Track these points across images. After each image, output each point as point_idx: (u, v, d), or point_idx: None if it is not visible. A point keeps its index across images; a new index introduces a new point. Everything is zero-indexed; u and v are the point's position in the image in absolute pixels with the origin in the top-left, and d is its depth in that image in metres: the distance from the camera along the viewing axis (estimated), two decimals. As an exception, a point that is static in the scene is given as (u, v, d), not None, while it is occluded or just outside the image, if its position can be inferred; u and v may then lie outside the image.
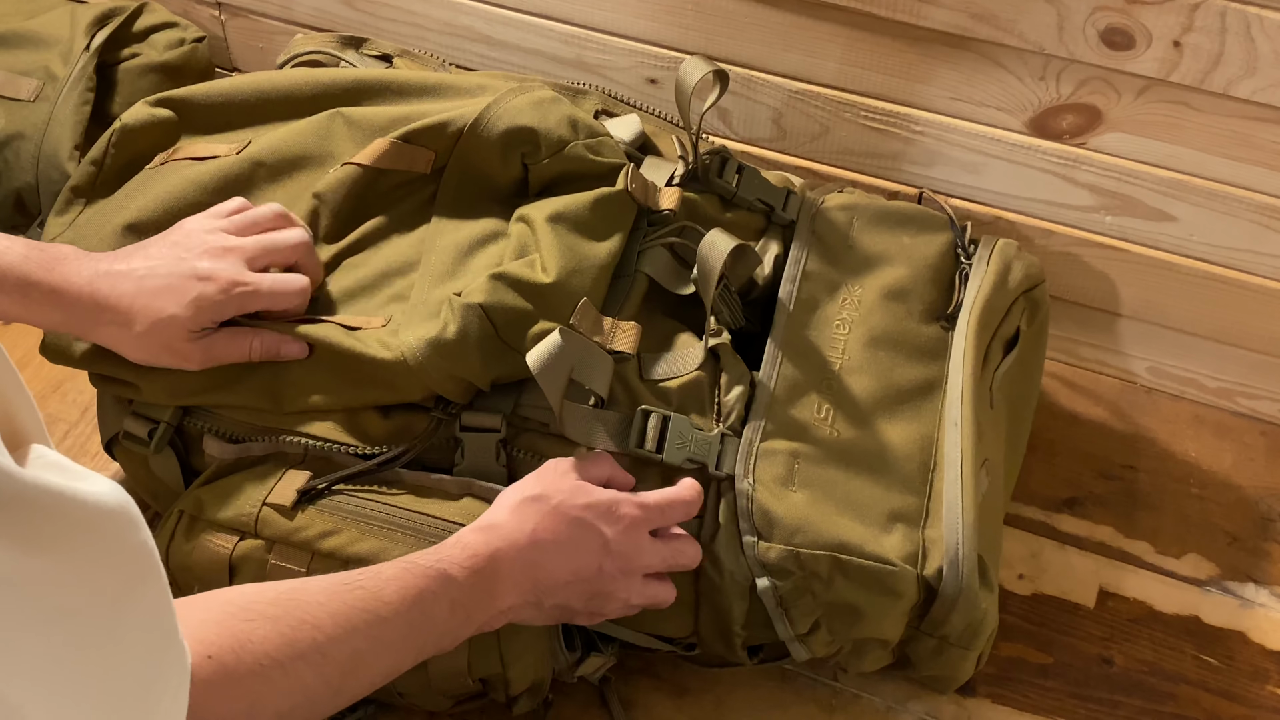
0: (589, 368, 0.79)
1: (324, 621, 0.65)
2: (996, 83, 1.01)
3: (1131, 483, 1.06)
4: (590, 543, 0.77)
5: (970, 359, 0.87)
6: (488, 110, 0.89)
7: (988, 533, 0.86)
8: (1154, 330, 1.10)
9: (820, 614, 0.81)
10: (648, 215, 0.91)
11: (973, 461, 0.84)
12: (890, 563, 0.80)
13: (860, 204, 0.96)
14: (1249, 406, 1.11)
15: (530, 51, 1.16)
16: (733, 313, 0.89)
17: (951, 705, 0.92)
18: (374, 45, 1.05)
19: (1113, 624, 0.97)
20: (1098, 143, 1.01)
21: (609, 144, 0.93)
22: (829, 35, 1.04)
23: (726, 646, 0.85)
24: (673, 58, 1.11)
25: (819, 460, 0.83)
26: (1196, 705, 0.93)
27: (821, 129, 1.10)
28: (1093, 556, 1.01)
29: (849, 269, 0.93)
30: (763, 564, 0.80)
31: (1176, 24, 0.91)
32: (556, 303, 0.83)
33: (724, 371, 0.85)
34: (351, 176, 0.89)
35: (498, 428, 0.82)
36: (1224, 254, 1.03)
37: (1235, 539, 1.03)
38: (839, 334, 0.89)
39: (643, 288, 0.88)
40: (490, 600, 0.74)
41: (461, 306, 0.80)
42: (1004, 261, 0.94)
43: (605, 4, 1.10)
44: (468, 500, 0.81)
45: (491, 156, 0.89)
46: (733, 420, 0.83)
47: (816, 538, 0.80)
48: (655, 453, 0.81)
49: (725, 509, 0.81)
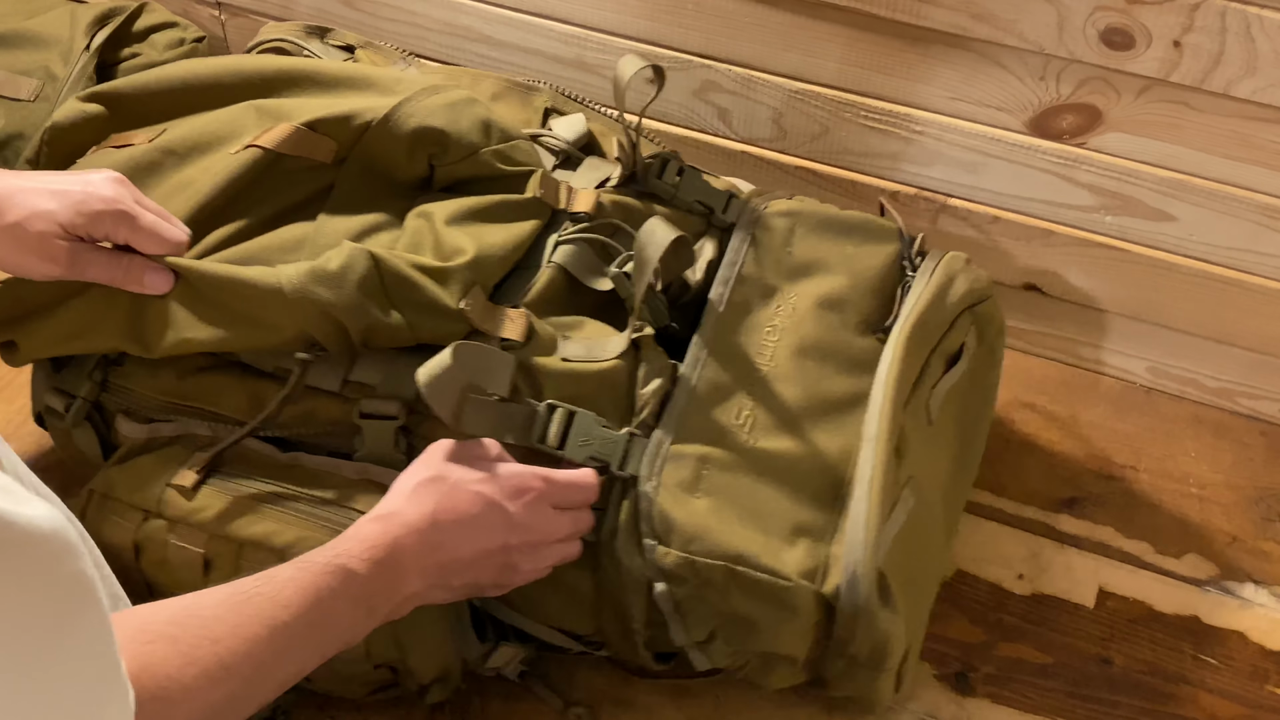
0: (488, 373, 0.79)
1: (224, 635, 0.64)
2: (996, 83, 1.01)
3: (1131, 483, 1.06)
4: (493, 519, 0.76)
5: (895, 373, 0.85)
6: (399, 107, 0.89)
7: (910, 552, 0.84)
8: (1154, 330, 1.10)
9: (717, 623, 0.81)
10: (567, 216, 0.91)
11: (884, 478, 0.81)
12: (785, 577, 0.78)
13: (804, 210, 0.94)
14: (1249, 406, 1.11)
15: (530, 51, 1.16)
16: (656, 312, 0.88)
17: (951, 705, 0.92)
18: (338, 35, 1.06)
19: (1112, 624, 0.97)
20: (1098, 143, 1.01)
21: (523, 149, 0.92)
22: (829, 35, 1.04)
23: (629, 647, 0.85)
24: (673, 58, 1.11)
25: (730, 467, 0.82)
26: (1196, 705, 0.93)
27: (821, 129, 1.10)
28: (1092, 556, 1.01)
29: (786, 275, 0.91)
30: (660, 568, 0.79)
31: (1176, 24, 0.91)
32: (449, 284, 0.82)
33: (644, 363, 0.84)
34: (252, 158, 0.88)
35: (396, 415, 0.82)
36: (1224, 254, 1.03)
37: (1235, 539, 1.03)
38: (769, 340, 0.87)
39: (556, 281, 0.87)
40: (394, 589, 0.73)
41: (351, 248, 0.81)
42: (947, 275, 0.91)
43: (605, 4, 1.10)
44: (364, 485, 0.81)
45: (398, 153, 0.89)
46: (646, 415, 0.82)
47: (714, 547, 0.78)
48: (557, 449, 0.80)
49: (628, 508, 0.80)
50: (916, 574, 0.86)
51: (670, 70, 1.11)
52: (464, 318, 0.82)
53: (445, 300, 0.82)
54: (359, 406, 0.82)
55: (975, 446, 0.98)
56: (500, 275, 0.87)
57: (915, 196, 1.10)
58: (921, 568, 0.88)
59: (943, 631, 0.96)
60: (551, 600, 0.84)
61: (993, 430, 1.09)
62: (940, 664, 0.95)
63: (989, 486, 1.06)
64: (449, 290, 0.82)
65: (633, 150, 0.93)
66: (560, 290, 0.88)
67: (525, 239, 0.88)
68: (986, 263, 1.11)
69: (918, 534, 0.85)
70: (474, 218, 0.87)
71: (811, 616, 0.79)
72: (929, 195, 1.10)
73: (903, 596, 0.82)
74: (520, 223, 0.88)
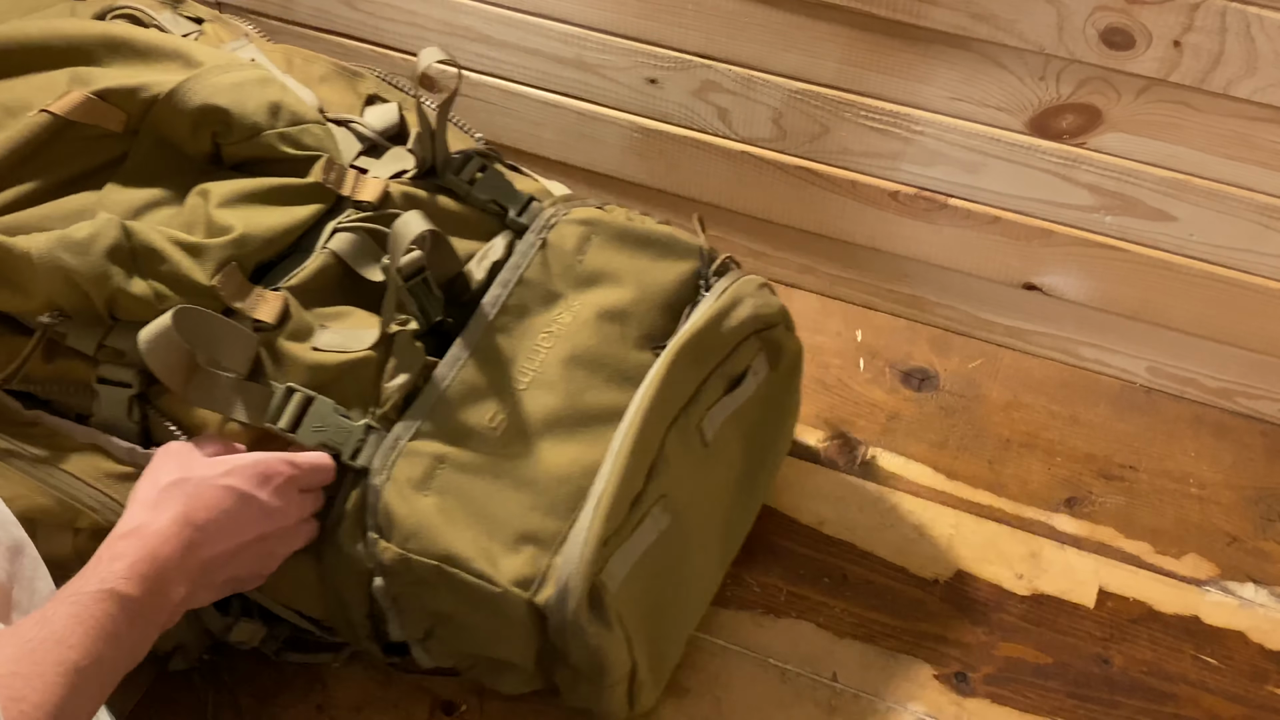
0: (221, 346, 0.79)
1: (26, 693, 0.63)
2: (996, 82, 1.01)
3: (1131, 483, 1.06)
4: (246, 510, 0.76)
5: (654, 390, 0.83)
6: (185, 83, 0.88)
7: (657, 571, 0.84)
8: (1154, 330, 1.10)
9: (432, 622, 0.81)
10: (351, 204, 0.89)
11: (617, 492, 0.80)
12: (495, 583, 0.78)
13: (603, 220, 0.92)
14: (1249, 406, 1.11)
15: (530, 51, 1.16)
16: (426, 305, 0.87)
17: (952, 705, 0.92)
18: (189, 7, 1.04)
19: (1112, 624, 0.97)
20: (1098, 143, 1.01)
21: (314, 133, 0.91)
22: (829, 35, 1.04)
23: (354, 635, 0.86)
24: (673, 57, 1.11)
25: (467, 469, 0.81)
26: (1196, 705, 0.93)
27: (821, 129, 1.10)
28: (1092, 556, 1.01)
29: (573, 283, 0.89)
30: (380, 562, 0.79)
31: (1176, 24, 0.91)
32: (205, 260, 0.82)
33: (394, 357, 0.83)
34: (40, 123, 0.87)
35: (130, 383, 0.81)
36: (1224, 254, 1.03)
37: (1235, 539, 1.03)
38: (541, 345, 0.86)
39: (328, 267, 0.86)
40: (164, 600, 0.73)
41: (104, 218, 0.80)
42: (734, 298, 0.89)
43: (605, 4, 1.10)
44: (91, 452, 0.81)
45: (182, 129, 0.89)
46: (388, 408, 0.82)
47: (429, 546, 0.78)
48: (289, 431, 0.80)
49: (355, 499, 0.80)
50: (666, 593, 0.86)
51: (670, 70, 1.12)
52: (215, 294, 0.81)
53: (195, 275, 0.81)
54: (98, 371, 0.82)
55: (765, 471, 0.98)
56: (266, 256, 0.85)
57: (915, 196, 1.10)
58: (674, 587, 0.87)
59: (943, 632, 0.96)
60: (281, 583, 0.84)
61: (992, 431, 1.10)
62: (940, 664, 0.95)
63: (988, 487, 1.06)
64: (202, 265, 0.82)
65: (431, 142, 0.91)
66: (333, 278, 0.86)
67: (300, 223, 0.87)
68: (987, 262, 1.12)
69: (671, 553, 0.85)
70: (250, 200, 0.86)
71: (525, 624, 0.79)
72: (929, 195, 1.10)
73: (634, 613, 0.82)
74: (298, 207, 0.87)
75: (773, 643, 0.96)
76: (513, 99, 1.20)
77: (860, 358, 1.16)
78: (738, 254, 1.23)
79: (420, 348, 0.83)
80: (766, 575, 1.00)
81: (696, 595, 0.93)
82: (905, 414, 1.11)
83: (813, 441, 1.09)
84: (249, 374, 0.80)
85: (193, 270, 0.81)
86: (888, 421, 1.10)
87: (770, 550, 1.01)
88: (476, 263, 0.90)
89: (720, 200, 1.19)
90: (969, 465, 1.07)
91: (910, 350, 1.16)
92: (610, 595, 0.80)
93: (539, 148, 1.23)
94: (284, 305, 0.82)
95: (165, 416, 0.82)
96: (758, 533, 0.99)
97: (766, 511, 1.03)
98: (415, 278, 0.84)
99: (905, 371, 1.15)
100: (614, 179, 1.22)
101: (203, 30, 1.02)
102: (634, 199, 1.23)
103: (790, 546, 1.02)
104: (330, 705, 0.91)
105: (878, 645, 0.96)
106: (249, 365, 0.80)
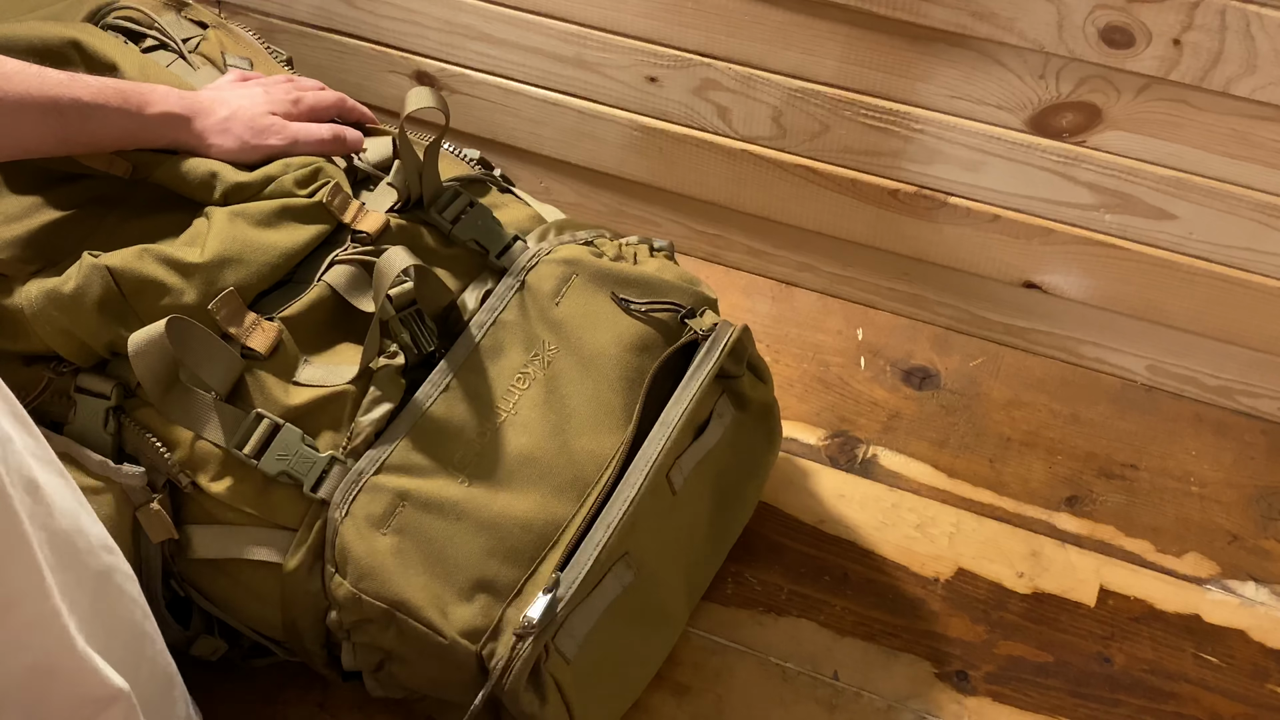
0: (206, 361, 0.79)
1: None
2: (996, 81, 1.01)
3: (1132, 482, 1.06)
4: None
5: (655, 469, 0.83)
6: None
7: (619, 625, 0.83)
8: (1154, 328, 1.10)
9: (382, 657, 0.82)
10: (351, 234, 0.88)
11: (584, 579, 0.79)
12: (442, 635, 0.78)
13: (585, 261, 0.90)
14: (1249, 405, 1.11)
15: (530, 50, 1.16)
16: (418, 338, 0.85)
17: (952, 704, 0.92)
18: (195, 11, 1.04)
19: (1113, 623, 0.97)
20: (1097, 141, 1.01)
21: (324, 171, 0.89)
22: (829, 33, 1.04)
23: (311, 660, 0.86)
24: (673, 56, 1.11)
25: (428, 508, 0.80)
26: (1197, 704, 0.93)
27: (821, 127, 1.09)
28: (1093, 555, 1.01)
29: (550, 325, 0.88)
30: (334, 596, 0.80)
31: (1176, 22, 0.91)
32: (203, 283, 0.82)
33: (376, 389, 0.82)
34: None
35: (108, 394, 0.82)
36: (1224, 252, 1.03)
37: (1235, 538, 1.03)
38: (517, 387, 0.86)
39: (323, 299, 0.85)
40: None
41: (89, 265, 0.80)
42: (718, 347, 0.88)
43: (605, 2, 1.10)
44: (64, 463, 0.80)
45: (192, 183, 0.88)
46: (359, 443, 0.81)
47: (380, 589, 0.78)
48: (253, 458, 0.79)
49: (316, 530, 0.80)
50: (633, 642, 0.86)
51: (670, 68, 1.11)
52: (212, 320, 0.81)
53: (190, 301, 0.81)
54: (77, 380, 0.83)
55: (736, 516, 0.97)
56: (268, 282, 0.85)
57: (915, 194, 1.10)
58: (641, 636, 0.87)
59: (943, 630, 0.96)
60: (243, 605, 0.85)
61: (993, 429, 1.10)
62: (941, 663, 0.95)
63: (989, 485, 1.06)
64: (197, 287, 0.81)
65: (419, 178, 0.90)
66: (328, 309, 0.86)
67: (301, 248, 0.86)
68: (987, 261, 1.12)
69: (634, 606, 0.84)
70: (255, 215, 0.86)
71: (472, 672, 0.79)
72: (929, 193, 1.10)
73: (586, 673, 0.81)
74: (300, 227, 0.86)
75: (774, 641, 0.96)
76: (513, 97, 1.20)
77: (861, 356, 1.16)
78: (738, 252, 1.23)
79: (402, 384, 0.83)
80: (767, 573, 1.00)
81: (656, 643, 0.91)
82: (906, 412, 1.11)
83: (814, 440, 1.09)
84: (227, 396, 0.80)
85: (188, 295, 0.81)
86: (888, 420, 1.11)
87: (771, 549, 1.01)
88: (470, 293, 0.89)
89: (720, 198, 1.19)
90: (970, 464, 1.07)
91: (911, 349, 1.16)
92: (551, 665, 0.79)
93: (539, 146, 1.23)
94: (278, 338, 0.82)
95: (143, 428, 0.81)
96: (759, 531, 1.00)
97: (767, 510, 1.03)
98: (408, 308, 0.84)
99: (906, 370, 1.15)
100: (614, 177, 1.22)
101: (206, 36, 1.02)
102: (634, 197, 1.23)
103: (791, 545, 1.02)
104: (331, 704, 0.91)
105: (879, 643, 0.96)
106: (228, 388, 0.80)
